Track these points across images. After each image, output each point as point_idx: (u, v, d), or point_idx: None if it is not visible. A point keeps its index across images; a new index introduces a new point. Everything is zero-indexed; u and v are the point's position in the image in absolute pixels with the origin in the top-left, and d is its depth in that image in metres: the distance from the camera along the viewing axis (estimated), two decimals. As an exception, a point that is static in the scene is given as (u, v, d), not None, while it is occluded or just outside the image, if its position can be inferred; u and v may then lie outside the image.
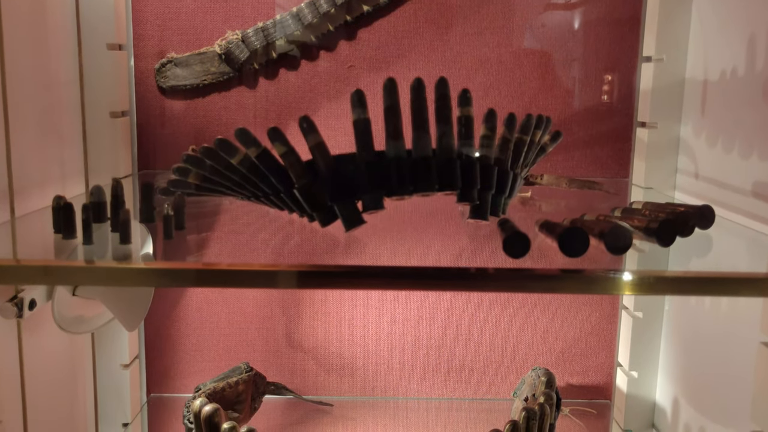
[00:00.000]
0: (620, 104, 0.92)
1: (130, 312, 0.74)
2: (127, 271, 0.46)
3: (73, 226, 0.52)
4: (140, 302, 0.75)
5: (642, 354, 0.92)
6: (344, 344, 0.99)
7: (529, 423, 0.71)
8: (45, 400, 0.75)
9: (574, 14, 0.91)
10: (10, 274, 0.44)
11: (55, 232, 0.54)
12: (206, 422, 0.71)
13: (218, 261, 0.52)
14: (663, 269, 0.56)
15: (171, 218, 0.54)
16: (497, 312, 0.98)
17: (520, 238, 0.51)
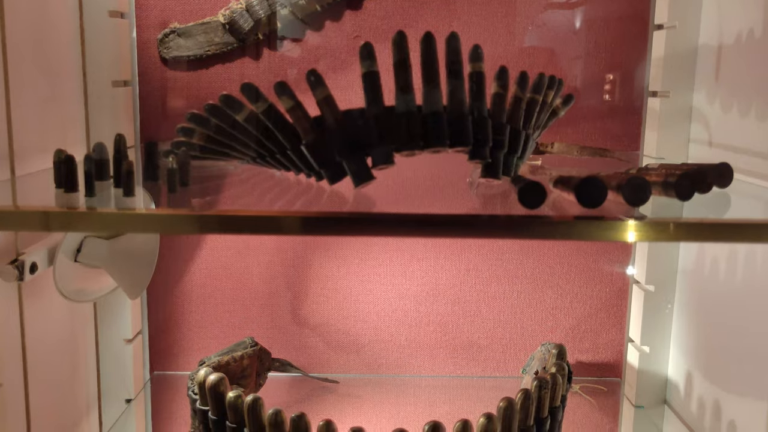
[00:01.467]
0: (631, 74, 0.90)
1: (132, 279, 0.72)
2: (128, 216, 0.44)
3: (75, 179, 0.51)
4: (143, 270, 0.74)
5: (654, 328, 0.91)
6: (350, 321, 0.98)
7: (540, 392, 0.69)
8: (47, 370, 0.73)
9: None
10: (9, 220, 0.43)
11: (56, 188, 0.52)
12: (211, 392, 0.70)
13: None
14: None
15: (175, 172, 0.53)
16: (506, 288, 0.97)
17: (536, 188, 0.49)
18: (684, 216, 0.57)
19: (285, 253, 0.96)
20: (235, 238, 0.96)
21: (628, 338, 0.96)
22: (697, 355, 0.83)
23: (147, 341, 0.97)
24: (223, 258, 0.96)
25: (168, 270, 0.96)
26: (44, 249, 0.66)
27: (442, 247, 0.96)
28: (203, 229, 0.46)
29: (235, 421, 0.68)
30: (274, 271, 0.97)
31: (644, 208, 0.53)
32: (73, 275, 0.70)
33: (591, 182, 0.49)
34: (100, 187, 0.53)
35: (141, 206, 0.46)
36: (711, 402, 0.79)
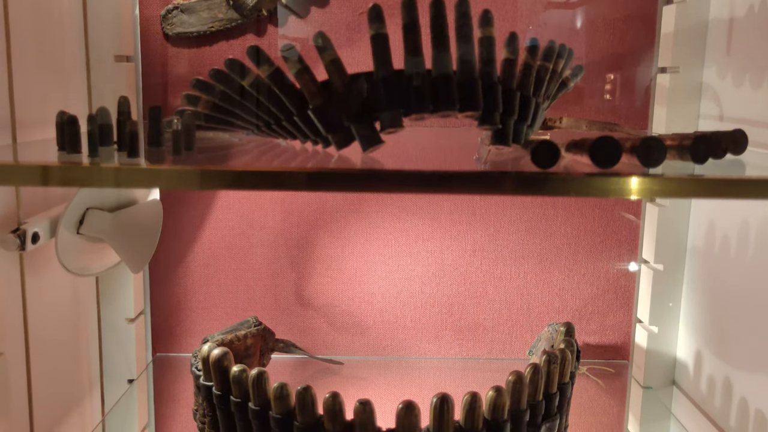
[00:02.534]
0: (640, 50, 0.89)
1: (135, 253, 0.71)
2: (129, 171, 0.43)
3: (78, 140, 0.49)
4: (146, 243, 0.72)
5: (662, 308, 0.90)
6: (355, 302, 0.97)
7: (550, 367, 0.68)
8: (48, 345, 0.72)
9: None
10: (9, 175, 0.42)
11: (59, 150, 0.51)
12: (215, 366, 0.69)
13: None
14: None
15: (180, 134, 0.52)
16: (512, 268, 0.96)
17: (549, 147, 0.48)
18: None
19: (289, 233, 0.95)
20: (239, 217, 0.95)
21: (636, 319, 0.95)
22: (707, 334, 0.82)
23: (149, 322, 0.96)
24: (226, 238, 0.95)
25: (170, 250, 0.95)
26: (46, 220, 0.65)
27: (448, 227, 0.95)
28: (206, 184, 0.45)
29: (239, 396, 0.67)
30: (278, 252, 0.96)
31: (657, 172, 0.52)
32: (76, 248, 0.69)
33: (605, 142, 0.48)
34: (104, 152, 0.52)
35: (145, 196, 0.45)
36: (721, 380, 0.78)
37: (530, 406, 0.65)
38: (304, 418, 0.62)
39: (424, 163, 0.67)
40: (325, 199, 0.95)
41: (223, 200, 0.94)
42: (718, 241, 0.80)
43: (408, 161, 0.64)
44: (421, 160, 0.69)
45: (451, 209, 0.95)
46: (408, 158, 0.66)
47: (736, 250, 0.76)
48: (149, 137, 0.56)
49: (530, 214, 0.95)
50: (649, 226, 0.91)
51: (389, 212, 0.95)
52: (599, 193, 0.47)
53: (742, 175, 0.48)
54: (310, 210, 0.95)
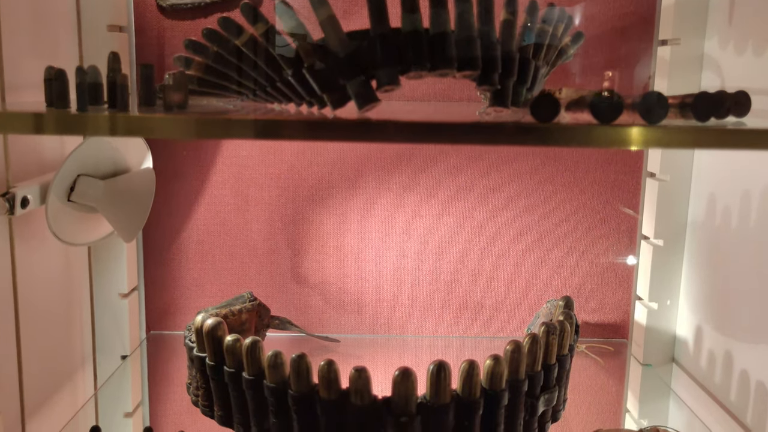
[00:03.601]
0: (640, 23, 0.88)
1: (127, 221, 0.70)
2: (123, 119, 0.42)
3: (66, 95, 0.48)
4: (138, 212, 0.71)
5: (662, 284, 0.89)
6: (351, 279, 0.96)
7: (548, 338, 0.67)
8: (40, 315, 0.71)
9: (593, -70, 0.88)
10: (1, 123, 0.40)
11: (47, 106, 0.50)
12: (209, 336, 0.68)
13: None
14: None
15: (172, 88, 0.51)
16: (510, 245, 0.95)
17: (549, 99, 0.47)
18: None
19: (285, 209, 0.94)
20: (234, 193, 0.94)
21: (636, 296, 0.94)
22: (708, 309, 0.81)
23: (143, 298, 0.94)
24: (221, 214, 0.94)
25: (164, 227, 0.94)
26: (36, 185, 0.64)
27: (446, 204, 0.94)
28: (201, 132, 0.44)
29: (233, 366, 0.66)
30: (274, 228, 0.94)
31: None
32: (67, 216, 0.68)
33: (607, 96, 0.47)
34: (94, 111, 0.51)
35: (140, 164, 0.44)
36: (722, 354, 0.77)
37: (528, 376, 0.64)
38: (299, 386, 0.61)
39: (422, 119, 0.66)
40: (321, 175, 0.93)
41: (218, 176, 0.93)
42: (719, 214, 0.79)
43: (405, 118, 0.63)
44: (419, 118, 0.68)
45: (449, 185, 0.94)
46: (405, 116, 0.65)
47: (738, 222, 0.75)
48: (141, 96, 0.55)
49: (529, 191, 0.93)
50: (648, 201, 0.90)
51: (386, 188, 0.94)
52: (600, 143, 0.46)
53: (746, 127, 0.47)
54: (306, 186, 0.94)
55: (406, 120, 0.46)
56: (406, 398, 0.59)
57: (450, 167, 0.93)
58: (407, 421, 0.59)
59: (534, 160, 0.93)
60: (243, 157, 0.93)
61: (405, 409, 0.59)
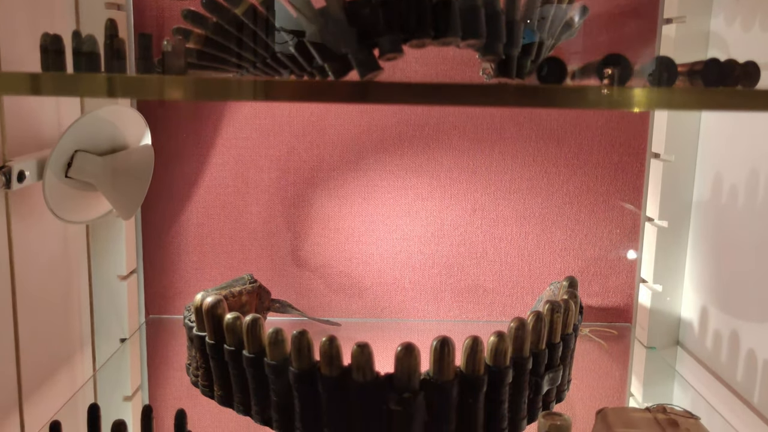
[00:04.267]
0: (644, 1, 0.87)
1: (125, 198, 0.69)
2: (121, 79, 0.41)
3: (63, 59, 0.47)
4: (136, 188, 0.70)
5: (667, 266, 0.88)
6: (352, 263, 0.95)
7: (553, 316, 0.66)
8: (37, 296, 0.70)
9: None
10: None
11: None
12: (208, 315, 0.67)
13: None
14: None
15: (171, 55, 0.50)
16: (513, 229, 0.94)
17: (556, 63, 0.46)
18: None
19: (285, 191, 0.93)
20: (234, 176, 0.93)
21: (640, 278, 0.93)
22: (714, 290, 0.80)
23: (142, 281, 0.93)
24: (221, 196, 0.93)
25: (164, 209, 0.93)
26: (33, 160, 0.63)
27: (448, 186, 0.93)
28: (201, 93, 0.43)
29: (233, 344, 0.65)
30: (274, 211, 0.93)
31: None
32: (64, 192, 0.67)
33: (614, 59, 0.46)
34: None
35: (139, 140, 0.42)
36: (728, 335, 0.76)
37: (533, 354, 0.63)
38: (300, 363, 0.60)
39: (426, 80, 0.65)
40: (322, 157, 0.92)
41: (218, 158, 0.92)
42: (726, 193, 0.78)
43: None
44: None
45: (451, 167, 0.93)
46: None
47: (745, 201, 0.74)
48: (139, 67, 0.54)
49: (532, 173, 0.93)
50: (653, 182, 0.89)
51: (387, 170, 0.93)
52: (606, 105, 0.44)
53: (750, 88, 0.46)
54: (307, 168, 0.93)
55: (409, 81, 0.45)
56: (409, 374, 0.59)
57: (452, 149, 0.92)
58: (410, 397, 0.58)
59: (537, 141, 0.92)
60: (243, 139, 0.92)
61: (408, 385, 0.58)
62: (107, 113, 0.68)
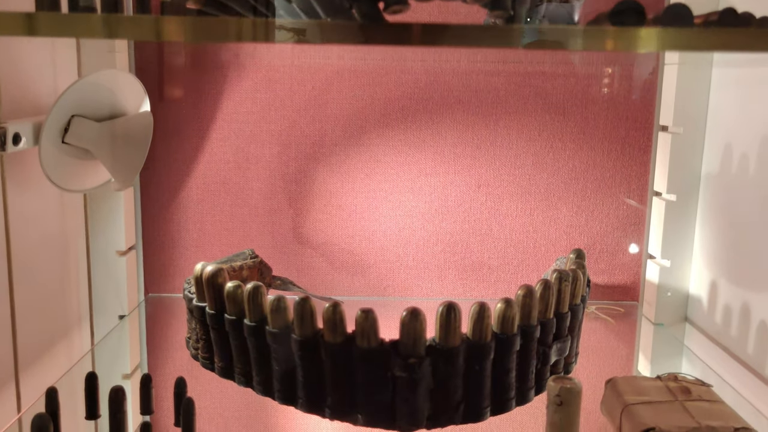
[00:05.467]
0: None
1: (123, 165, 0.68)
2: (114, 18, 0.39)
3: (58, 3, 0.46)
4: (134, 155, 0.69)
5: (675, 241, 0.86)
6: (355, 240, 0.93)
7: (561, 285, 0.65)
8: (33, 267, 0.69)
9: None
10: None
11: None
12: (208, 284, 0.65)
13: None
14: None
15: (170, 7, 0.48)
16: (518, 205, 0.92)
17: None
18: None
19: (286, 167, 0.92)
20: (234, 151, 0.91)
21: (647, 254, 0.91)
22: (723, 262, 0.79)
23: (141, 259, 0.92)
24: (221, 172, 0.92)
25: (163, 185, 0.92)
26: (29, 123, 0.61)
27: (452, 161, 0.91)
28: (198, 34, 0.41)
29: (234, 313, 0.63)
30: (275, 186, 0.92)
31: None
32: (61, 159, 0.65)
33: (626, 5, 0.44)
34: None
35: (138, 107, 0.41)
36: (739, 307, 0.75)
37: (541, 323, 0.62)
38: (303, 330, 0.59)
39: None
40: (324, 132, 0.91)
41: (218, 132, 0.91)
42: (736, 163, 0.76)
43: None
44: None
45: (455, 142, 0.91)
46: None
47: (756, 169, 0.72)
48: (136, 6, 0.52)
49: (537, 148, 0.91)
50: (661, 156, 0.87)
51: (391, 145, 0.91)
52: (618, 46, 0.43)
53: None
54: (308, 143, 0.91)
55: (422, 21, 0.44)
56: (414, 339, 0.57)
57: (456, 123, 0.91)
58: (416, 362, 0.56)
59: (542, 115, 0.90)
60: (243, 113, 0.90)
61: (413, 350, 0.57)
62: (105, 79, 0.67)
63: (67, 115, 0.64)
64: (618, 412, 0.56)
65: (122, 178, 0.68)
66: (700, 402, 0.56)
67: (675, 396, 0.57)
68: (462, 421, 0.59)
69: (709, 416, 0.53)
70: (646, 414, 0.53)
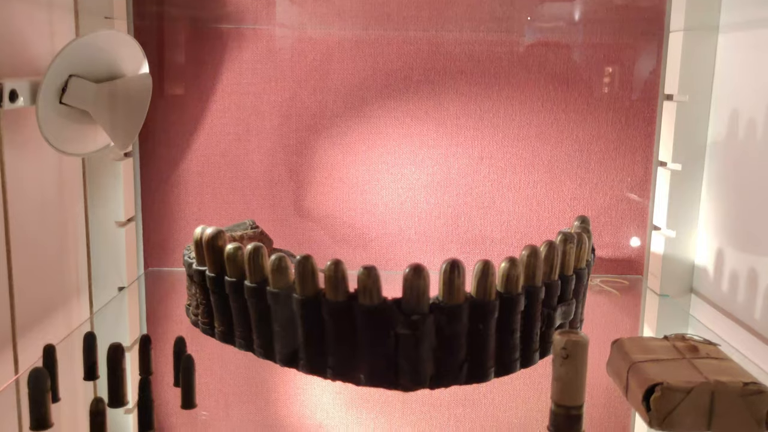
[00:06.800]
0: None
1: (121, 127, 0.67)
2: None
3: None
4: (133, 117, 0.68)
5: (680, 211, 0.85)
6: (356, 213, 0.92)
7: (566, 246, 0.64)
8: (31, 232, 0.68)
9: None
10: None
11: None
12: (208, 246, 0.64)
13: None
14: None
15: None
16: (521, 177, 0.91)
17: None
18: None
19: (287, 138, 0.91)
20: (235, 122, 0.90)
21: (652, 226, 0.90)
22: (730, 230, 0.78)
23: (141, 231, 0.91)
24: (221, 144, 0.91)
25: (162, 157, 0.91)
26: (26, 81, 0.60)
27: (454, 133, 0.91)
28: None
29: (234, 275, 0.62)
30: (276, 158, 0.91)
31: None
32: (59, 122, 0.65)
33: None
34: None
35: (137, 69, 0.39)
36: (746, 273, 0.74)
37: (545, 285, 0.61)
38: (304, 289, 0.58)
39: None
40: (325, 104, 0.90)
41: (219, 104, 0.90)
42: (743, 128, 0.75)
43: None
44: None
45: (458, 114, 0.90)
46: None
47: (763, 134, 0.71)
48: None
49: (540, 119, 0.90)
50: (666, 125, 0.86)
51: (392, 116, 0.90)
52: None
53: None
54: (309, 114, 0.90)
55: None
56: (417, 296, 0.56)
57: (459, 94, 0.90)
58: (419, 319, 0.55)
59: (546, 85, 0.89)
60: (244, 84, 0.89)
61: (416, 307, 0.56)
62: (103, 40, 0.66)
63: (65, 75, 0.63)
64: (624, 371, 0.55)
65: (120, 140, 0.67)
66: (709, 359, 0.55)
67: (683, 354, 0.56)
68: (466, 381, 0.58)
69: (718, 372, 0.52)
70: (653, 370, 0.52)
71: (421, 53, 0.89)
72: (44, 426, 0.50)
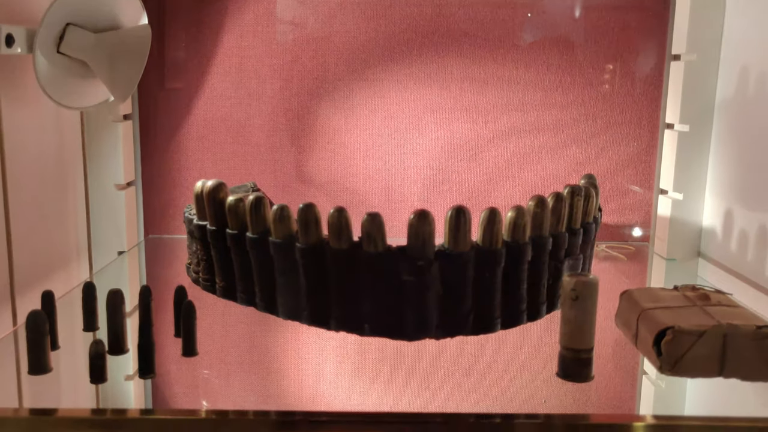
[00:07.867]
0: None
1: (119, 77, 0.65)
2: None
3: None
4: (131, 67, 0.66)
5: (688, 173, 0.84)
6: (359, 179, 0.91)
7: (573, 199, 0.62)
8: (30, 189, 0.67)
9: None
10: None
11: None
12: (209, 198, 0.63)
13: None
14: None
15: None
16: (526, 142, 0.90)
17: None
18: None
19: (289, 103, 0.89)
20: (235, 86, 0.89)
21: (659, 189, 0.89)
22: (738, 189, 0.77)
23: (141, 196, 0.90)
24: (222, 108, 0.89)
25: (162, 121, 0.89)
26: (23, 28, 0.59)
27: (458, 97, 0.89)
28: None
29: (235, 228, 0.61)
30: (277, 123, 0.90)
31: None
32: (57, 71, 0.63)
33: None
34: None
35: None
36: (755, 232, 0.73)
37: (552, 236, 0.60)
38: (307, 238, 0.57)
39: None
40: (327, 67, 0.89)
41: (219, 67, 0.88)
42: (752, 86, 0.74)
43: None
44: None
45: (462, 78, 0.89)
46: None
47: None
48: None
49: (545, 83, 0.89)
50: (673, 86, 0.85)
51: (395, 80, 0.89)
52: None
53: None
54: (311, 78, 0.89)
55: None
56: (423, 242, 0.55)
57: (463, 57, 0.88)
58: (424, 265, 0.54)
59: (551, 50, 0.88)
60: (244, 47, 0.88)
61: (422, 253, 0.55)
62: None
63: (62, 23, 0.62)
64: (634, 319, 0.54)
65: (119, 91, 0.66)
66: (720, 306, 0.54)
67: (693, 302, 0.55)
68: (472, 331, 0.57)
69: (730, 317, 0.51)
70: (664, 316, 0.51)
71: (425, 15, 0.87)
72: (43, 370, 0.49)
